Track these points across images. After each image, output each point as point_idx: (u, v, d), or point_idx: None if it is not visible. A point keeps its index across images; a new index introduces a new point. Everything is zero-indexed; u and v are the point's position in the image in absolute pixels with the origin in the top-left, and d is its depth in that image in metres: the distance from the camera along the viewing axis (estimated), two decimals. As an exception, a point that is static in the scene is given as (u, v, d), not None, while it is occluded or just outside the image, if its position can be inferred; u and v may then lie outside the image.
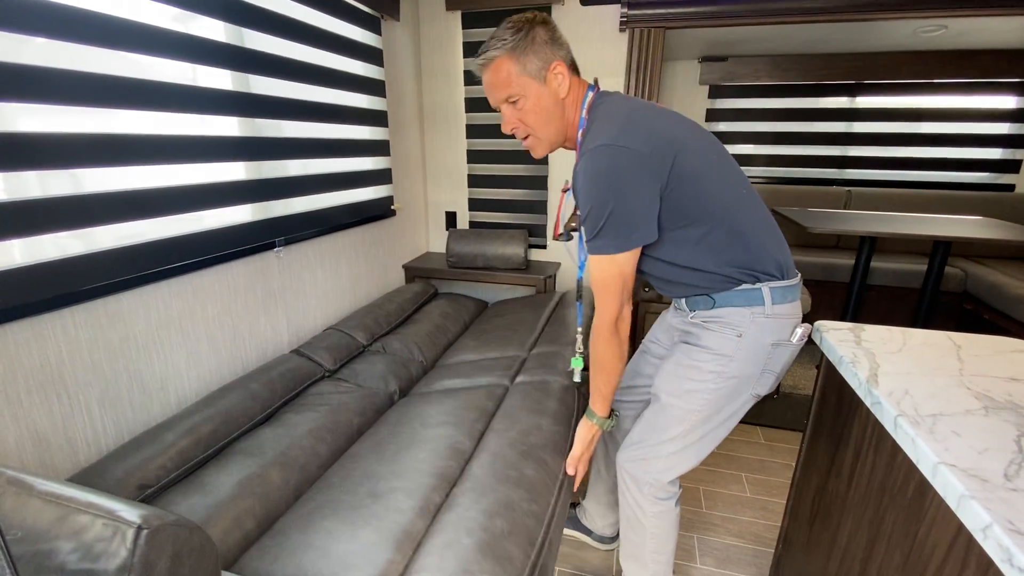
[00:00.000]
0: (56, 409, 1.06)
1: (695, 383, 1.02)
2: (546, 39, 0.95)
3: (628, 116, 0.93)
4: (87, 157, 1.07)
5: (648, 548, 1.19)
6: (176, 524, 0.59)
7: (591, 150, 0.90)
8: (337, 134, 1.89)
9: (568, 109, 1.00)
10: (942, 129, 2.99)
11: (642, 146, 0.88)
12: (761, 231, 0.99)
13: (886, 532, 0.74)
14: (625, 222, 0.90)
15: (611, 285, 0.96)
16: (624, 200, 0.89)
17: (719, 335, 0.99)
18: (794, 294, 1.00)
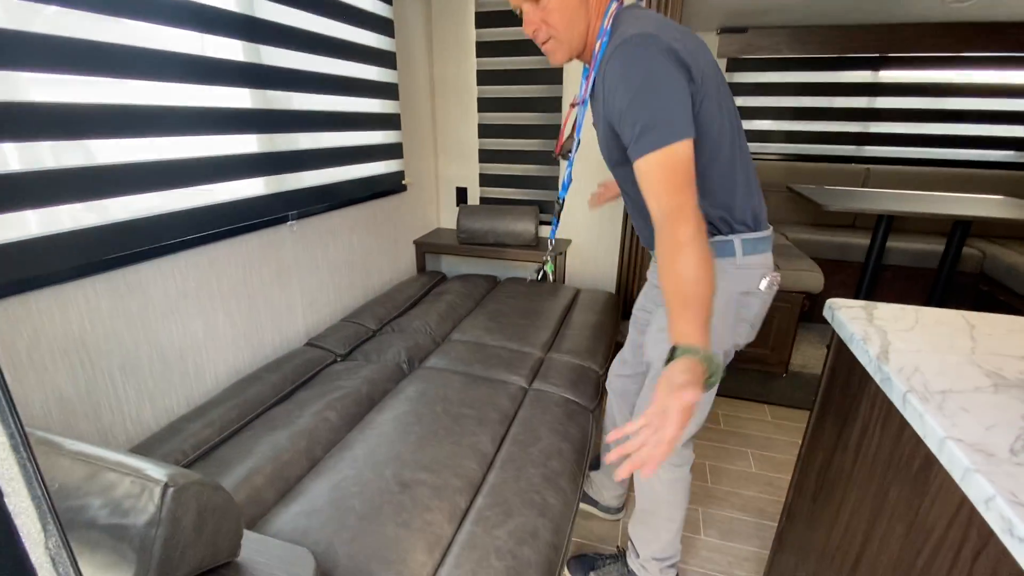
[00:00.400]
0: (80, 375, 1.10)
1: None
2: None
3: (658, 20, 0.89)
4: (99, 128, 1.08)
5: (661, 515, 1.21)
6: (200, 483, 0.62)
7: (624, 41, 0.84)
8: (348, 107, 1.88)
9: (591, 13, 0.93)
10: (966, 105, 2.90)
11: (672, 41, 0.83)
12: (748, 178, 0.98)
13: (889, 505, 0.75)
14: (671, 110, 0.81)
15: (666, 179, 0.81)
16: (665, 86, 0.82)
17: None
18: (765, 246, 1.00)
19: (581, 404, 1.50)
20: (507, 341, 1.79)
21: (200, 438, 1.18)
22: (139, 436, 1.24)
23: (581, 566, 1.37)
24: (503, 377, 1.56)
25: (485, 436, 1.26)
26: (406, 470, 1.10)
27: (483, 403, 1.38)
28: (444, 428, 1.26)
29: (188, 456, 1.13)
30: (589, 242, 2.54)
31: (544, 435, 1.29)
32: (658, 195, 0.82)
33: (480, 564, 0.91)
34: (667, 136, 0.80)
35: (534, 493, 1.10)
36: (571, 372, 1.63)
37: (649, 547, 1.26)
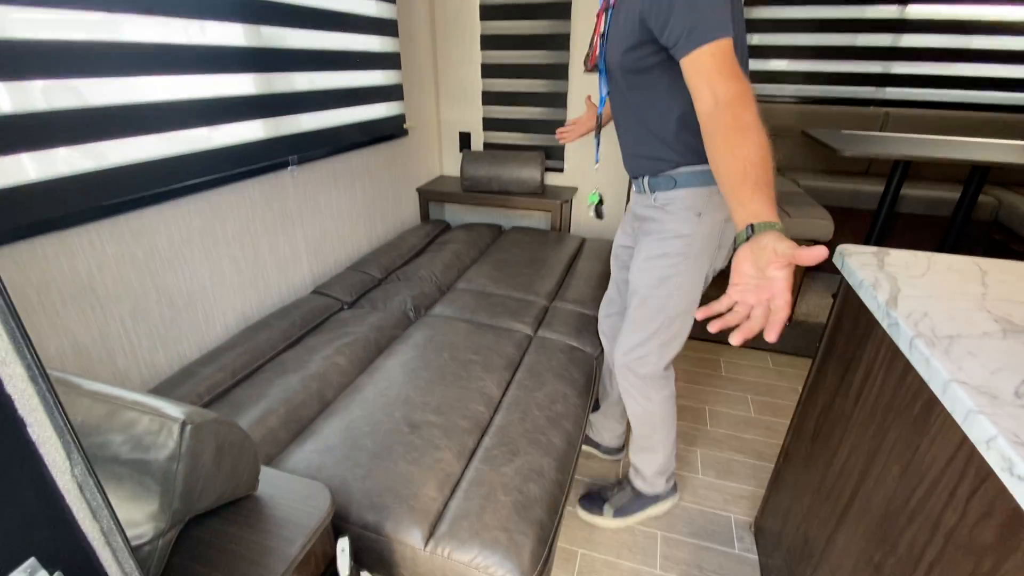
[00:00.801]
0: (92, 320, 1.11)
1: (666, 269, 1.08)
2: None
3: None
4: (90, 67, 1.03)
5: (658, 436, 1.31)
6: (216, 421, 0.64)
7: None
8: (345, 45, 1.80)
9: None
10: (997, 44, 2.74)
11: None
12: None
13: (887, 446, 0.77)
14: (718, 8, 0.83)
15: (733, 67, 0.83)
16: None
17: (680, 217, 1.05)
18: None
19: (585, 351, 1.52)
20: (512, 290, 1.79)
21: (213, 381, 1.21)
22: (154, 380, 1.27)
23: (593, 502, 1.45)
24: (508, 325, 1.58)
25: (491, 381, 1.29)
26: (415, 412, 1.13)
27: (489, 350, 1.40)
28: (451, 373, 1.28)
29: (203, 398, 1.17)
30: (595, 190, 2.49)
31: (549, 380, 1.32)
32: (714, 83, 0.83)
33: (488, 499, 0.95)
34: (718, 30, 0.83)
35: (539, 434, 1.13)
36: (575, 320, 1.64)
37: (652, 466, 1.37)
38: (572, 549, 1.36)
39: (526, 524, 0.92)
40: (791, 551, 1.11)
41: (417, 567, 0.91)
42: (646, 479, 1.40)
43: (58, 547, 0.33)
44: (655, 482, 1.40)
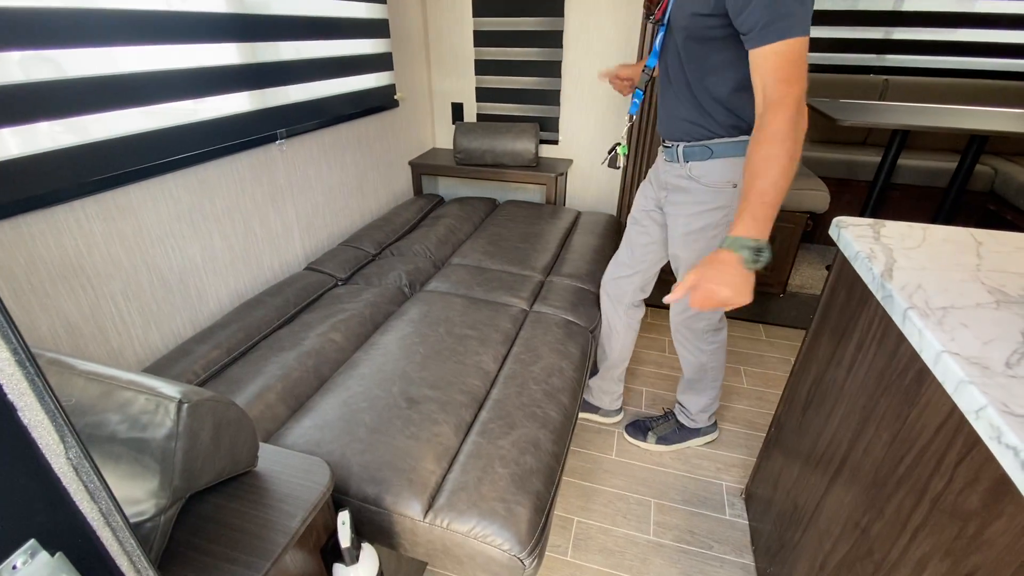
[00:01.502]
0: (83, 300, 1.10)
1: (710, 241, 1.14)
2: None
3: None
4: (67, 37, 0.99)
5: (708, 379, 1.44)
6: (213, 399, 0.64)
7: None
8: (331, 12, 1.74)
9: None
10: (999, 7, 2.68)
11: None
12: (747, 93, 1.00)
13: (878, 415, 0.78)
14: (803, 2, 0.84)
15: (790, 70, 0.85)
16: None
17: (716, 189, 1.08)
18: None
19: (581, 325, 1.52)
20: (507, 265, 1.79)
21: (209, 359, 1.21)
22: (149, 358, 1.27)
23: (638, 428, 1.58)
24: (504, 300, 1.58)
25: (487, 355, 1.29)
26: (412, 387, 1.14)
27: (485, 324, 1.41)
28: (448, 348, 1.29)
29: (200, 376, 1.17)
30: (591, 163, 2.46)
31: (545, 354, 1.33)
32: (778, 82, 0.85)
33: (485, 471, 0.97)
34: (798, 28, 0.83)
35: (536, 407, 1.14)
36: (571, 295, 1.64)
37: (698, 404, 1.51)
38: (568, 517, 1.40)
39: (523, 495, 0.94)
40: (780, 516, 1.14)
41: (417, 538, 0.93)
42: (691, 415, 1.53)
43: (58, 528, 0.33)
44: (699, 418, 1.53)
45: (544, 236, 2.00)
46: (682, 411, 1.56)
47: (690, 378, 1.46)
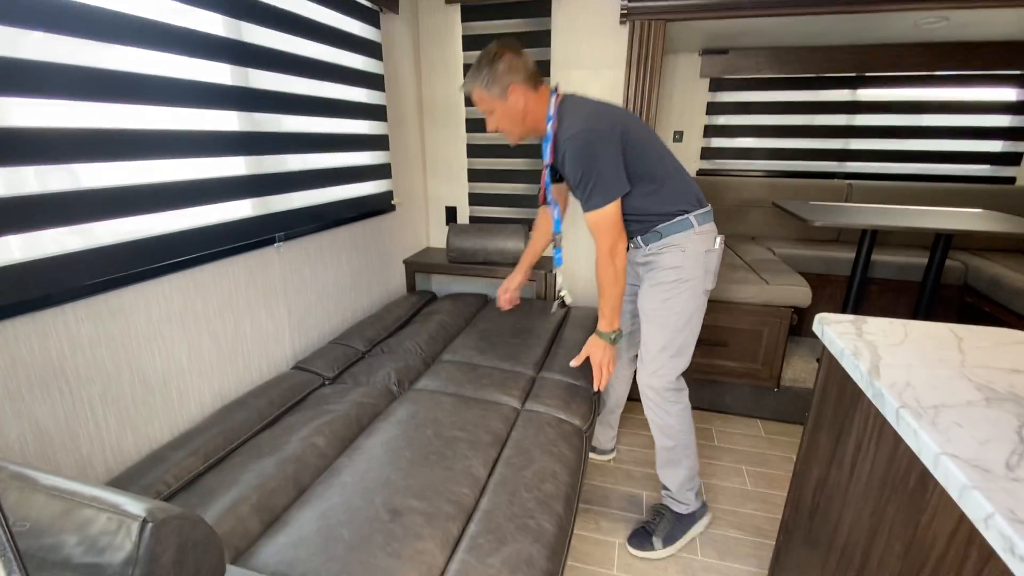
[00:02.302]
0: (59, 405, 1.06)
1: (666, 292, 1.40)
2: (505, 70, 1.29)
3: (589, 109, 1.31)
4: (85, 152, 1.06)
5: (680, 445, 1.51)
6: (180, 517, 0.60)
7: (572, 136, 1.25)
8: (336, 128, 1.89)
9: (529, 114, 1.34)
10: (943, 122, 2.98)
11: (604, 126, 1.26)
12: (684, 179, 1.39)
13: (887, 523, 0.74)
14: (606, 180, 1.26)
15: (604, 228, 1.30)
16: (602, 165, 1.25)
17: (671, 255, 1.38)
18: (708, 217, 1.41)
19: (574, 424, 1.48)
20: (499, 361, 1.78)
21: (183, 467, 1.14)
22: (120, 466, 1.20)
23: (640, 537, 1.57)
24: (495, 398, 1.55)
25: (477, 460, 1.24)
26: (396, 497, 1.07)
27: (475, 425, 1.36)
28: (435, 452, 1.23)
29: (171, 487, 1.10)
30: (579, 259, 2.55)
31: (537, 457, 1.27)
32: (597, 233, 1.31)
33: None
34: (604, 200, 1.27)
35: (528, 518, 1.07)
36: (563, 391, 1.61)
37: (678, 479, 1.55)
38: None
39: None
40: (801, 642, 1.03)
41: (396, 677, 0.82)
42: (676, 496, 1.56)
43: None
44: (686, 497, 1.56)
45: (535, 331, 2.01)
46: (668, 495, 1.59)
47: (663, 446, 1.54)
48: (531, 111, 1.33)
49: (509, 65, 1.29)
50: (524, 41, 2.39)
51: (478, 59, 1.32)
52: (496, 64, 1.29)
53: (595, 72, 2.35)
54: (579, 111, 1.29)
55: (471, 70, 1.33)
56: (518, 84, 1.30)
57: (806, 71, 3.00)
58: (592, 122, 1.25)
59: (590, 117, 1.26)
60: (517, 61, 1.30)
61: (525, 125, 1.36)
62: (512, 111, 1.32)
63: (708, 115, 3.23)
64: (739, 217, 3.24)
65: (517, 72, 1.30)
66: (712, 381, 2.29)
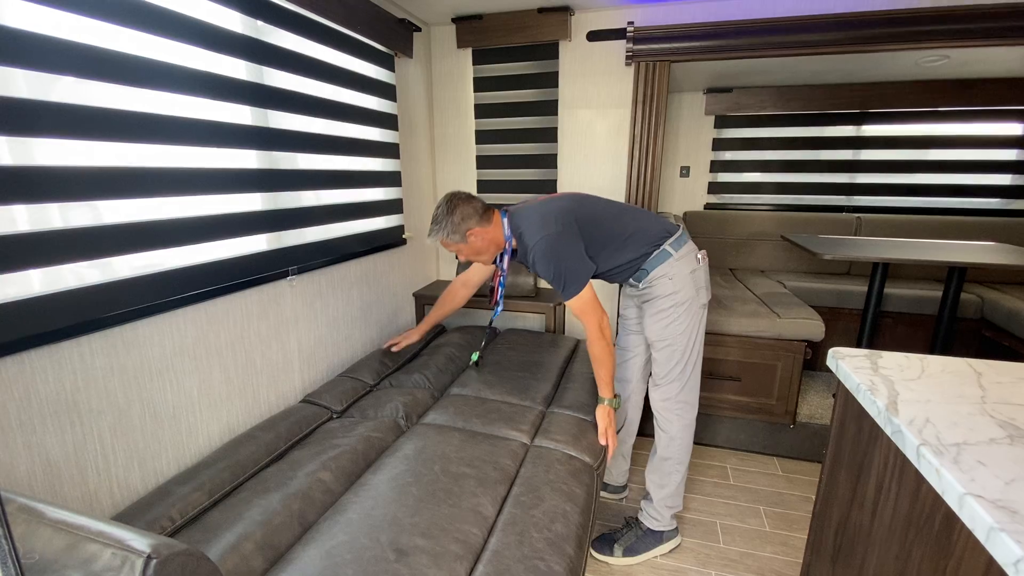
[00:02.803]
0: (68, 437, 1.07)
1: (668, 318, 1.51)
2: (459, 220, 1.45)
3: (539, 216, 1.45)
4: (108, 189, 1.10)
5: (674, 460, 1.60)
6: (185, 553, 0.59)
7: (535, 245, 1.41)
8: (350, 166, 1.94)
9: (490, 243, 1.50)
10: (950, 156, 3.00)
11: (557, 227, 1.41)
12: (646, 223, 1.53)
13: (913, 568, 0.71)
14: (575, 271, 1.41)
15: (587, 309, 1.44)
16: (568, 261, 1.40)
17: (661, 284, 1.50)
18: (683, 239, 1.53)
19: (584, 461, 1.45)
20: (507, 395, 1.76)
21: (189, 502, 1.13)
22: (126, 500, 1.19)
23: (604, 542, 1.65)
24: (503, 433, 1.52)
25: (485, 498, 1.21)
26: (403, 535, 1.05)
27: (483, 461, 1.34)
28: (443, 489, 1.21)
29: (175, 522, 1.08)
30: (588, 293, 2.55)
31: (547, 495, 1.24)
32: (581, 315, 1.45)
33: None
34: (577, 288, 1.41)
35: (538, 559, 1.04)
36: (573, 427, 1.58)
37: (662, 491, 1.62)
38: None
39: None
40: None
41: None
42: (655, 506, 1.63)
43: None
44: (662, 512, 1.63)
45: (544, 365, 2.00)
46: (649, 505, 1.66)
47: (660, 455, 1.62)
48: (490, 240, 1.50)
49: (463, 214, 1.46)
50: (532, 83, 2.47)
51: (436, 214, 1.49)
52: (452, 216, 1.46)
53: (601, 111, 2.41)
54: (532, 221, 1.45)
55: (433, 223, 1.50)
56: (473, 227, 1.47)
57: (810, 108, 3.06)
58: (547, 227, 1.41)
59: (544, 222, 1.42)
60: (468, 208, 1.47)
61: (490, 252, 1.54)
62: (475, 248, 1.50)
63: (714, 151, 3.29)
64: (747, 250, 3.24)
65: (470, 218, 1.46)
66: (727, 417, 2.24)
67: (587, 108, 2.43)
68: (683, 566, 1.59)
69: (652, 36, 2.15)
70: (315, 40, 1.72)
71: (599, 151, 2.47)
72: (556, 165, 2.53)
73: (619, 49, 2.30)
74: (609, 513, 1.83)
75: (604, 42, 2.33)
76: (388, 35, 2.08)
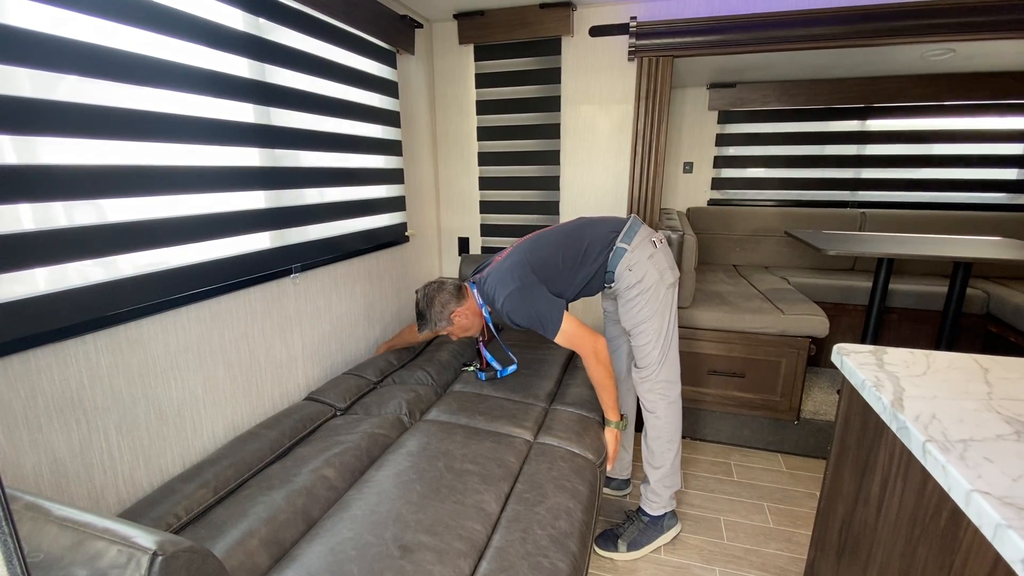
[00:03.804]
0: (74, 434, 1.07)
1: (637, 306, 1.55)
2: (440, 307, 1.56)
3: (497, 277, 1.53)
4: (114, 187, 1.11)
5: (664, 439, 1.63)
6: (190, 550, 0.59)
7: (503, 304, 1.48)
8: (353, 163, 1.94)
9: (471, 317, 1.60)
10: (955, 150, 2.97)
11: (516, 282, 1.48)
12: (594, 231, 1.58)
13: (919, 564, 0.71)
14: (546, 311, 1.46)
15: (576, 339, 1.47)
16: (536, 305, 1.46)
17: (625, 278, 1.55)
18: (634, 228, 1.57)
19: (588, 458, 1.45)
20: (510, 392, 1.76)
21: (194, 500, 1.13)
22: (131, 498, 1.19)
23: (607, 539, 1.67)
24: (507, 430, 1.52)
25: (489, 494, 1.21)
26: (407, 532, 1.05)
27: (487, 458, 1.34)
28: (446, 486, 1.21)
29: (181, 519, 1.09)
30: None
31: (551, 492, 1.24)
32: (575, 344, 1.48)
33: None
34: (556, 324, 1.45)
35: (542, 556, 1.04)
36: (576, 423, 1.59)
37: (657, 472, 1.65)
38: None
39: None
40: None
41: None
42: (653, 488, 1.66)
43: None
44: (661, 495, 1.66)
45: (547, 362, 2.00)
46: (647, 489, 1.68)
47: (651, 436, 1.65)
48: (473, 314, 1.60)
49: (441, 302, 1.57)
50: (535, 79, 2.46)
51: (419, 310, 1.60)
52: (433, 307, 1.57)
53: (604, 107, 2.40)
54: (494, 285, 1.53)
55: (419, 320, 1.61)
56: (454, 308, 1.57)
57: (814, 103, 3.04)
58: (507, 285, 1.49)
59: (503, 282, 1.50)
60: (444, 294, 1.57)
61: (476, 325, 1.63)
62: (462, 326, 1.59)
63: (717, 146, 3.27)
64: (751, 246, 3.23)
65: (449, 303, 1.57)
66: (731, 414, 2.24)
67: (590, 104, 2.42)
68: (687, 562, 1.59)
69: (655, 31, 2.13)
70: (317, 37, 1.71)
71: (602, 147, 2.46)
72: (559, 161, 2.52)
73: (622, 44, 2.29)
74: (611, 509, 1.83)
75: (607, 37, 2.32)
76: (390, 32, 2.08)
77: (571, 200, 2.53)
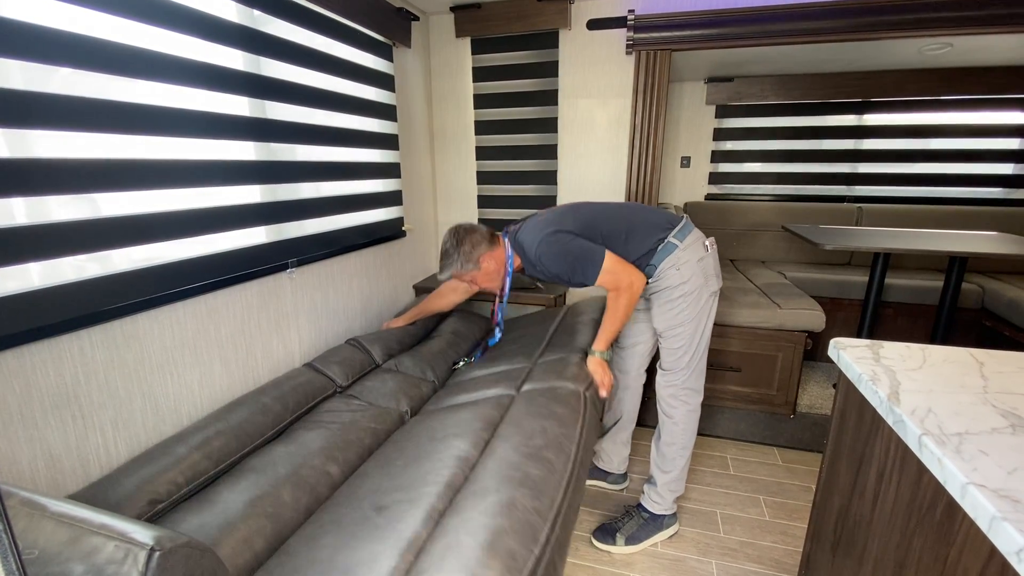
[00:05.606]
0: (71, 430, 1.07)
1: (676, 309, 1.50)
2: (469, 250, 1.50)
3: (532, 224, 1.50)
4: (108, 181, 1.10)
5: (678, 444, 1.60)
6: (188, 546, 0.59)
7: (536, 248, 1.44)
8: (349, 157, 1.93)
9: (500, 266, 1.56)
10: (951, 145, 2.98)
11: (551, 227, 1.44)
12: (647, 217, 1.52)
13: (914, 557, 0.71)
14: (585, 254, 1.40)
15: (617, 276, 1.41)
16: (573, 248, 1.41)
17: (669, 276, 1.48)
18: (688, 229, 1.51)
19: (568, 387, 1.47)
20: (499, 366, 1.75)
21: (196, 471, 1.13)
22: (128, 493, 1.19)
23: (606, 532, 1.65)
24: (491, 393, 1.53)
25: (467, 443, 1.22)
26: (384, 497, 1.07)
27: (468, 420, 1.35)
28: (425, 453, 1.22)
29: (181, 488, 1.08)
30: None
31: (527, 423, 1.27)
32: (622, 278, 1.42)
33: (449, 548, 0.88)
34: (597, 265, 1.40)
35: (513, 471, 1.07)
36: (556, 364, 1.60)
37: (666, 476, 1.63)
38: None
39: (494, 559, 0.85)
40: None
41: None
42: (658, 490, 1.64)
43: None
44: (665, 498, 1.64)
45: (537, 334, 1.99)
46: (652, 489, 1.66)
47: (664, 440, 1.63)
48: (500, 262, 1.55)
49: (472, 242, 1.51)
50: (532, 72, 2.45)
51: (445, 249, 1.53)
52: (463, 246, 1.51)
53: (602, 101, 2.39)
54: (528, 232, 1.48)
55: (444, 258, 1.54)
56: (485, 251, 1.52)
57: (811, 97, 3.03)
58: (542, 230, 1.44)
59: (538, 228, 1.45)
60: (476, 235, 1.52)
61: (500, 275, 1.57)
62: (488, 273, 1.54)
63: (715, 141, 3.27)
64: (748, 241, 3.23)
65: (480, 244, 1.51)
66: (727, 407, 2.25)
67: (587, 98, 2.41)
68: (683, 555, 1.60)
69: (653, 24, 2.12)
70: (312, 30, 1.70)
71: (599, 141, 2.45)
72: (556, 155, 2.51)
73: (620, 38, 2.28)
74: (610, 503, 1.84)
75: (604, 30, 2.30)
76: (386, 24, 2.06)
77: (568, 194, 2.52)
